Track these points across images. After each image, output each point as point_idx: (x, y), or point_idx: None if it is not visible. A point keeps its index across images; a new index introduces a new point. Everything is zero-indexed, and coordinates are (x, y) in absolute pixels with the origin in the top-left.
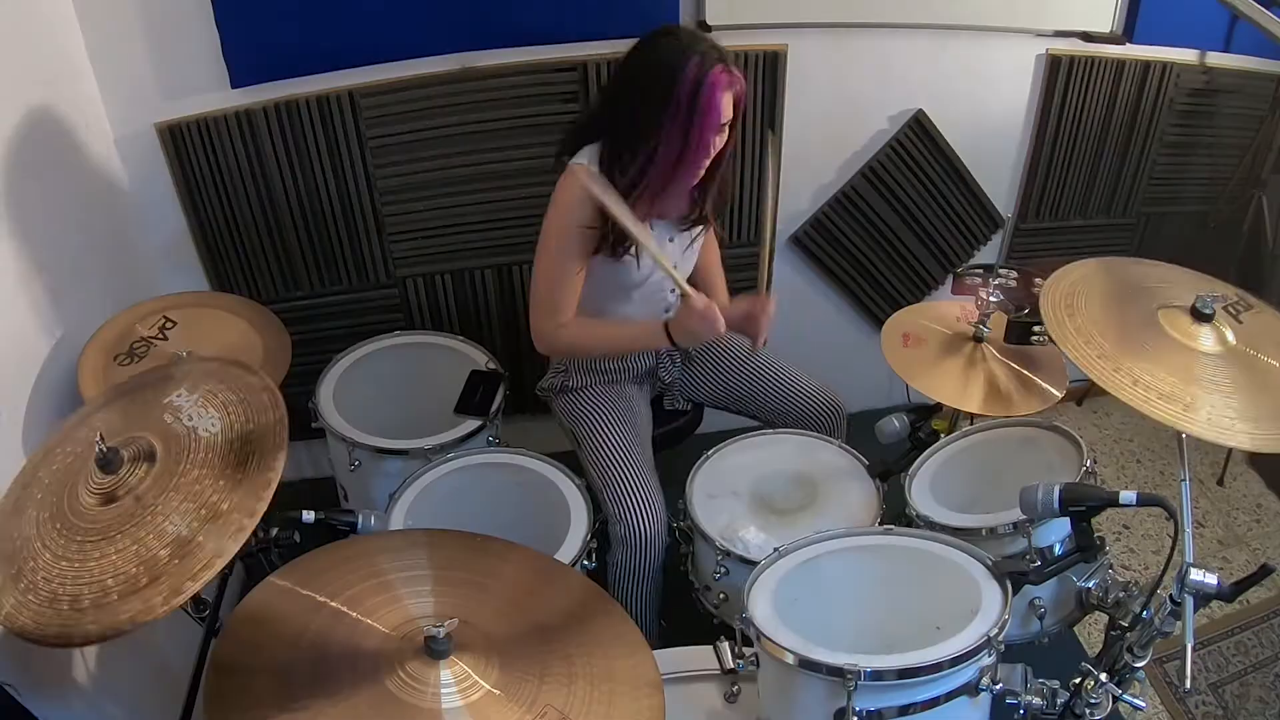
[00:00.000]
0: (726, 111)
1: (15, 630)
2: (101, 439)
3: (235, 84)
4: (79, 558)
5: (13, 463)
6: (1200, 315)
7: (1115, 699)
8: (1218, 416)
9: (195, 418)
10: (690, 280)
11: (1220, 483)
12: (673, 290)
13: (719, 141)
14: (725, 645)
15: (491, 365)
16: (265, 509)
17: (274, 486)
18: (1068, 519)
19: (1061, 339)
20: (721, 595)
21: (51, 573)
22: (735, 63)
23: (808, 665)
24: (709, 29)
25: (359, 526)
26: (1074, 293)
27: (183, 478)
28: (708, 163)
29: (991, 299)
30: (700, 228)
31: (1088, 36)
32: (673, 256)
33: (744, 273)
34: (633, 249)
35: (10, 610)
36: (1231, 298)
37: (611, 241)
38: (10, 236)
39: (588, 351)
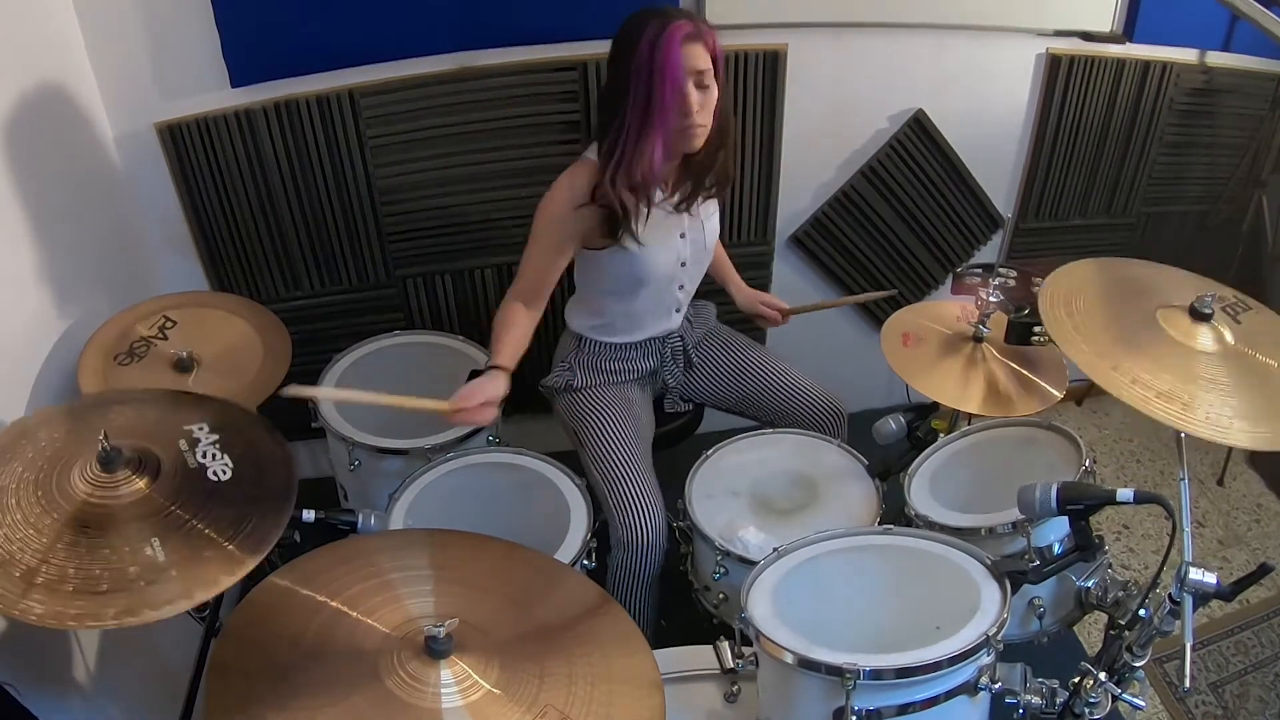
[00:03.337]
0: (695, 60)
1: None
2: (105, 437)
3: (235, 83)
4: (49, 534)
5: None
6: (1199, 315)
7: (1115, 698)
8: (1216, 415)
9: (208, 457)
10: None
11: (1220, 483)
12: (680, 287)
13: (697, 95)
14: (725, 645)
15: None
16: (245, 574)
17: (260, 558)
18: (1066, 518)
19: (1060, 337)
20: (721, 595)
21: (14, 534)
22: (711, 31)
23: (807, 665)
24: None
25: (359, 526)
26: (1072, 293)
27: (179, 509)
28: (690, 120)
29: (991, 299)
30: (713, 203)
31: (1088, 36)
32: (689, 236)
33: (747, 273)
34: (630, 234)
35: None
36: (1230, 299)
37: (611, 227)
38: (10, 236)
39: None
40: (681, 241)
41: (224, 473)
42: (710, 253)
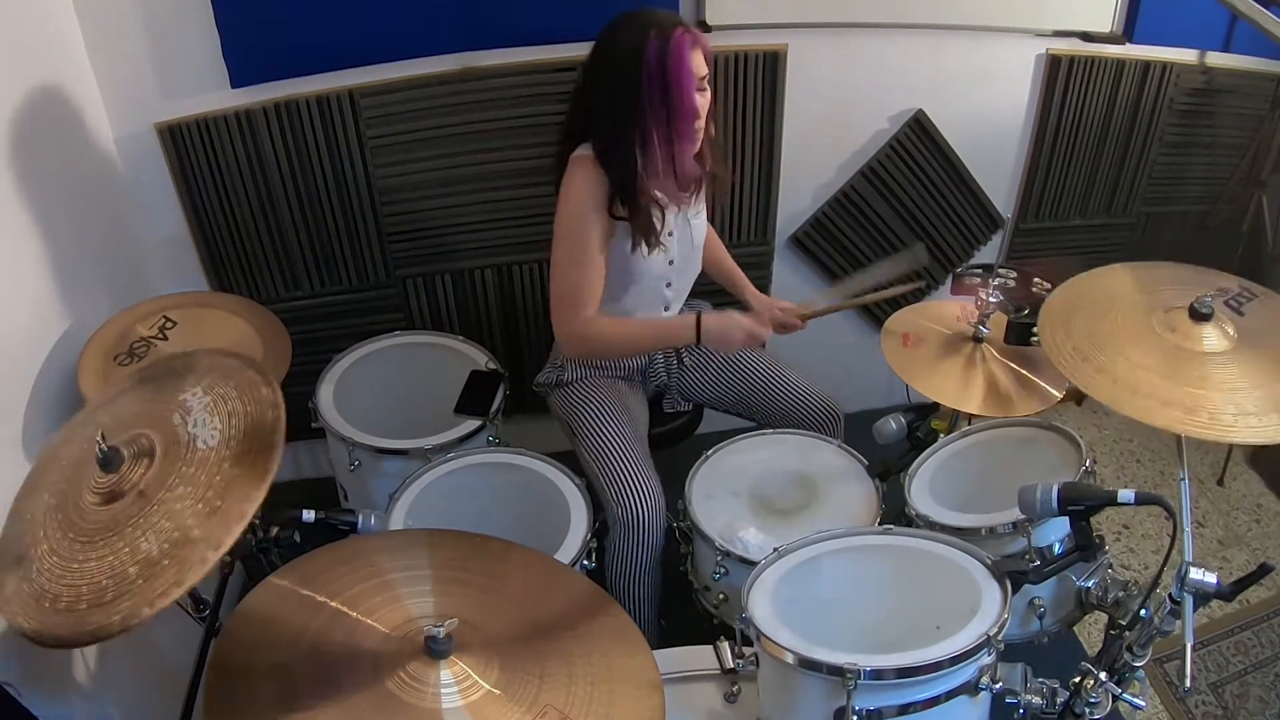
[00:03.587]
0: (700, 67)
1: (8, 618)
2: (103, 438)
3: (235, 84)
4: (67, 556)
5: (13, 464)
6: (1198, 315)
7: (1115, 698)
8: (1220, 414)
9: (200, 424)
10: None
11: (1220, 483)
12: (669, 285)
13: (703, 101)
14: (725, 645)
15: (491, 365)
16: (232, 543)
17: (246, 522)
18: (1067, 518)
19: (1059, 360)
20: (721, 595)
21: (43, 565)
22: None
23: (808, 665)
24: (709, 29)
25: (359, 526)
26: (1068, 314)
27: (169, 491)
28: (698, 125)
29: (991, 299)
30: (700, 201)
31: (1088, 36)
32: (677, 234)
33: (747, 274)
34: (663, 239)
35: (9, 595)
36: (1234, 289)
37: (644, 232)
38: (10, 236)
39: (614, 347)
40: (669, 239)
41: (211, 439)
42: (698, 251)
